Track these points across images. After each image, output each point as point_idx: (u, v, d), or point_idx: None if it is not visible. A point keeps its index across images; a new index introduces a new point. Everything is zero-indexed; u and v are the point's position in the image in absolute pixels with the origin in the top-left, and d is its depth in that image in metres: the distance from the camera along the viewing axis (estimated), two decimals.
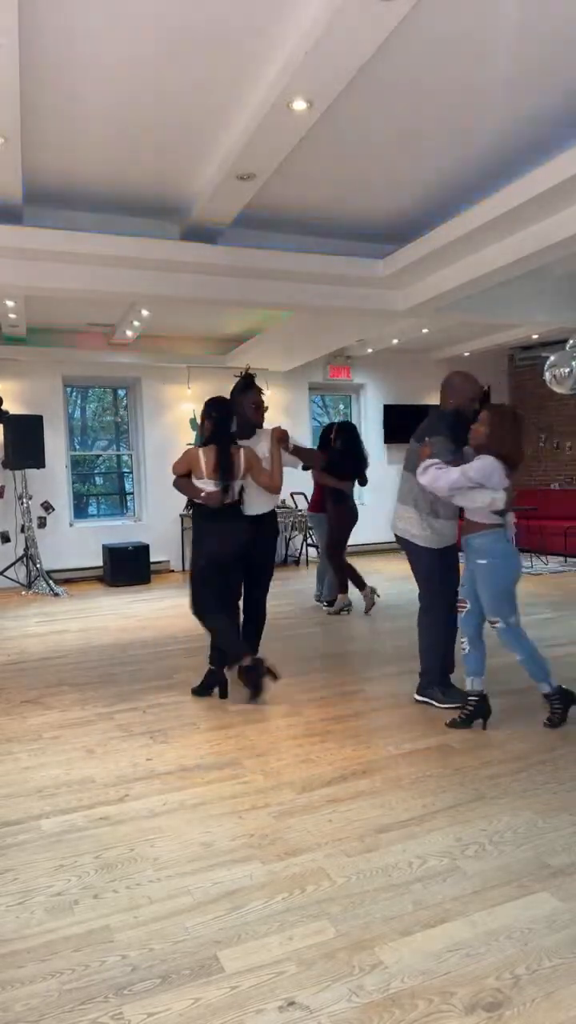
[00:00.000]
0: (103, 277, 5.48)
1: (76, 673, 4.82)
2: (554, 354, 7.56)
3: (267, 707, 3.94)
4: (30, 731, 3.73)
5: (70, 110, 3.89)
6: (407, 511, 3.89)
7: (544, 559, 9.12)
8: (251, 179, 4.44)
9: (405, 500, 3.91)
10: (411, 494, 3.85)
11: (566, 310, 7.44)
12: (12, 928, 2.09)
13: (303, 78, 3.34)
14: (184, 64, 3.47)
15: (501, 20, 3.20)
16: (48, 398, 8.93)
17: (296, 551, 10.16)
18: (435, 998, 1.74)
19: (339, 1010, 1.72)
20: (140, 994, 1.80)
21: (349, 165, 4.62)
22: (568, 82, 3.74)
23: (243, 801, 2.83)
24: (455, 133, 4.24)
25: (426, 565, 3.88)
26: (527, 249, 5.12)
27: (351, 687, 4.27)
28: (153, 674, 4.71)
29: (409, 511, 3.87)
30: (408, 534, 3.89)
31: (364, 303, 6.43)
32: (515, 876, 2.24)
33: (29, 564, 8.34)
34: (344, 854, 2.41)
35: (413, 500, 3.84)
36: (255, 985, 1.81)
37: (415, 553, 3.92)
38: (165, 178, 4.73)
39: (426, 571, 3.91)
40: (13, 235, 4.94)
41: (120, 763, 3.26)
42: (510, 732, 3.44)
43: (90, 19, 3.13)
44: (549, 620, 5.84)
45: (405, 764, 3.12)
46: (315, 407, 10.84)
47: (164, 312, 7.37)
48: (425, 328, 8.37)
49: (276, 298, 6.05)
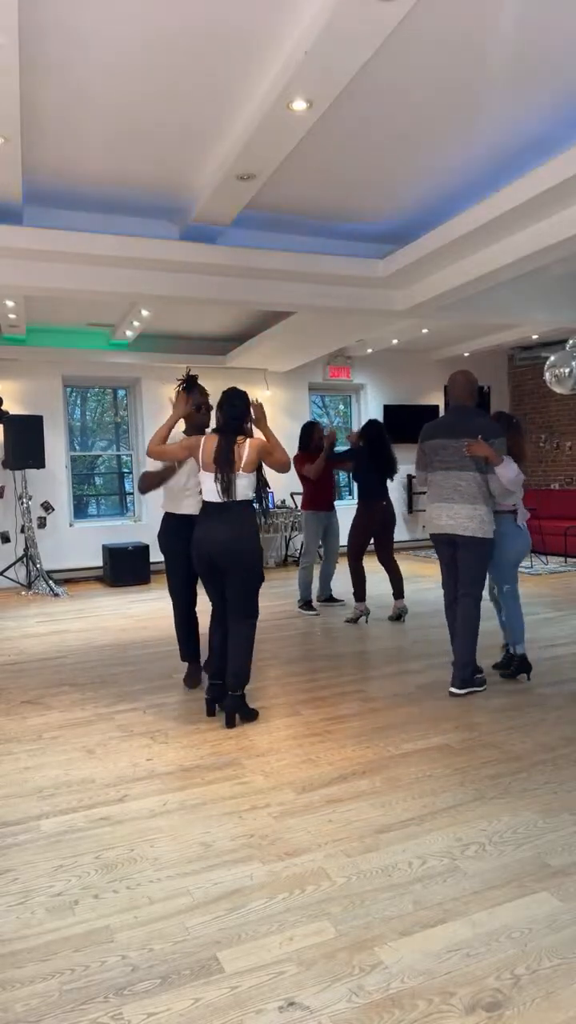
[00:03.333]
0: (103, 277, 5.48)
1: (76, 673, 4.82)
2: (554, 354, 7.57)
3: (267, 707, 3.94)
4: (30, 731, 3.73)
5: (70, 110, 3.89)
6: (478, 509, 3.95)
7: (544, 559, 9.12)
8: (251, 179, 4.44)
9: (474, 500, 3.95)
10: (480, 492, 3.96)
11: (566, 310, 7.45)
12: (12, 928, 2.09)
13: (303, 78, 3.34)
14: (184, 64, 3.47)
15: (501, 20, 3.20)
16: (48, 398, 8.93)
17: (296, 551, 10.16)
18: (435, 998, 1.74)
19: (339, 1010, 1.72)
20: (140, 994, 1.80)
21: (349, 165, 4.62)
22: (568, 82, 3.74)
23: (243, 801, 2.83)
24: (455, 133, 4.24)
25: (487, 557, 4.05)
26: (527, 249, 5.12)
27: (351, 687, 4.27)
28: (153, 674, 4.72)
29: (480, 509, 3.95)
30: (481, 532, 3.95)
31: (364, 303, 6.43)
32: (515, 876, 2.24)
33: (29, 564, 8.34)
34: (344, 854, 2.41)
35: (483, 498, 3.97)
36: (255, 985, 1.81)
37: (480, 548, 3.98)
38: (165, 178, 4.73)
39: (485, 564, 4.08)
40: (13, 235, 4.94)
41: (120, 763, 3.26)
42: (510, 732, 3.44)
43: (90, 19, 3.13)
44: (549, 620, 5.84)
45: (405, 764, 3.12)
46: (315, 407, 10.84)
47: (164, 312, 7.37)
48: (425, 328, 8.38)
49: (276, 298, 6.05)
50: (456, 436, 3.98)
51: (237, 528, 3.64)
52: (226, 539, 3.63)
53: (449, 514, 3.99)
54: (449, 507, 3.99)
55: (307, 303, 6.19)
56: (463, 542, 3.98)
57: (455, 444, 3.98)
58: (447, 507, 4.00)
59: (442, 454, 4.03)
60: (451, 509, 3.98)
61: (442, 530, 4.03)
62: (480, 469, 3.96)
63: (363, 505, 6.12)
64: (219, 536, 3.63)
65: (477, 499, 3.95)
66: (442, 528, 4.03)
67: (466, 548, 3.99)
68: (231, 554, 3.62)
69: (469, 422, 4.00)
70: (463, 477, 3.96)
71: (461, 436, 3.96)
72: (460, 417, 4.06)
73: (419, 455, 4.23)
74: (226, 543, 3.62)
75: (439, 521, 4.04)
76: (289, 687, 4.31)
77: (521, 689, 4.07)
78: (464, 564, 4.02)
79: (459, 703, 3.87)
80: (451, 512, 3.98)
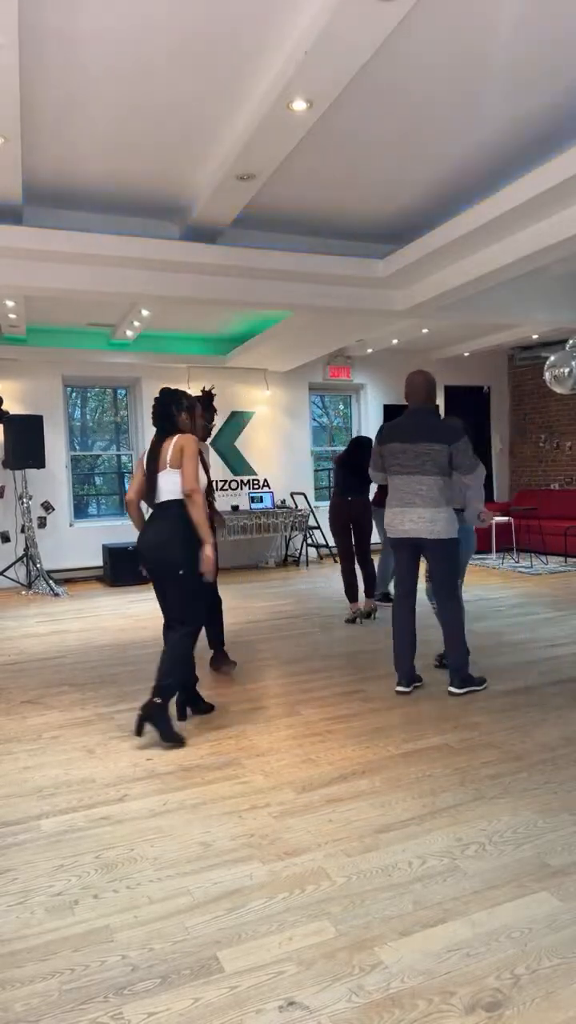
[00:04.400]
0: (103, 277, 5.48)
1: (76, 673, 4.82)
2: (554, 354, 7.57)
3: (267, 707, 3.95)
4: (30, 731, 3.73)
5: (70, 110, 3.89)
6: (441, 512, 3.95)
7: (544, 559, 9.12)
8: (251, 179, 4.44)
9: (437, 503, 3.95)
10: (443, 495, 3.97)
11: (566, 310, 7.45)
12: (12, 928, 2.09)
13: (303, 78, 3.34)
14: (184, 64, 3.47)
15: (501, 20, 3.20)
16: (48, 398, 8.94)
17: (296, 551, 10.16)
18: (435, 998, 1.74)
19: (339, 1010, 1.72)
20: (140, 994, 1.80)
21: (349, 165, 4.62)
22: (568, 82, 3.75)
23: (243, 801, 2.83)
24: (455, 133, 4.24)
25: (456, 555, 4.07)
26: (527, 249, 5.13)
27: (351, 687, 4.27)
28: (153, 674, 4.70)
29: (443, 511, 3.96)
30: (447, 533, 3.96)
31: (364, 303, 6.43)
32: (515, 876, 2.24)
33: (29, 564, 8.34)
34: (344, 854, 2.41)
35: (446, 500, 3.99)
36: (255, 985, 1.81)
37: (447, 548, 4.00)
38: (165, 178, 4.73)
39: (456, 561, 4.11)
40: (13, 235, 4.94)
41: (120, 763, 3.26)
42: (510, 732, 3.44)
43: (90, 19, 3.13)
44: (549, 620, 5.84)
45: (405, 764, 3.12)
46: (315, 407, 10.85)
47: (164, 312, 7.37)
48: (425, 328, 8.38)
49: (276, 298, 6.05)
50: (414, 441, 3.96)
51: (161, 530, 3.53)
52: (152, 541, 3.55)
53: (412, 518, 3.97)
54: (412, 511, 3.97)
55: (307, 303, 6.19)
56: (431, 544, 3.99)
57: (414, 448, 3.95)
58: (409, 511, 3.98)
59: (401, 458, 4.00)
60: (414, 513, 3.97)
61: (406, 534, 4.01)
62: (443, 473, 3.96)
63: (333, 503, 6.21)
64: (148, 538, 3.57)
65: (440, 502, 3.95)
66: (406, 532, 4.00)
67: (434, 550, 3.99)
68: (156, 559, 3.53)
69: (428, 426, 3.98)
70: (423, 482, 3.94)
71: (419, 441, 3.94)
72: (418, 420, 4.02)
73: (375, 458, 4.20)
74: (152, 546, 3.54)
75: (401, 526, 4.01)
76: (289, 687, 4.31)
77: (521, 689, 4.07)
78: (434, 566, 4.04)
79: (459, 703, 3.87)
80: (414, 516, 3.97)
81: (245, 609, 6.86)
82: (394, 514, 4.06)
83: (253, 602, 7.24)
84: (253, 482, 10.03)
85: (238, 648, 5.27)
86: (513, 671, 4.44)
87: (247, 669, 4.74)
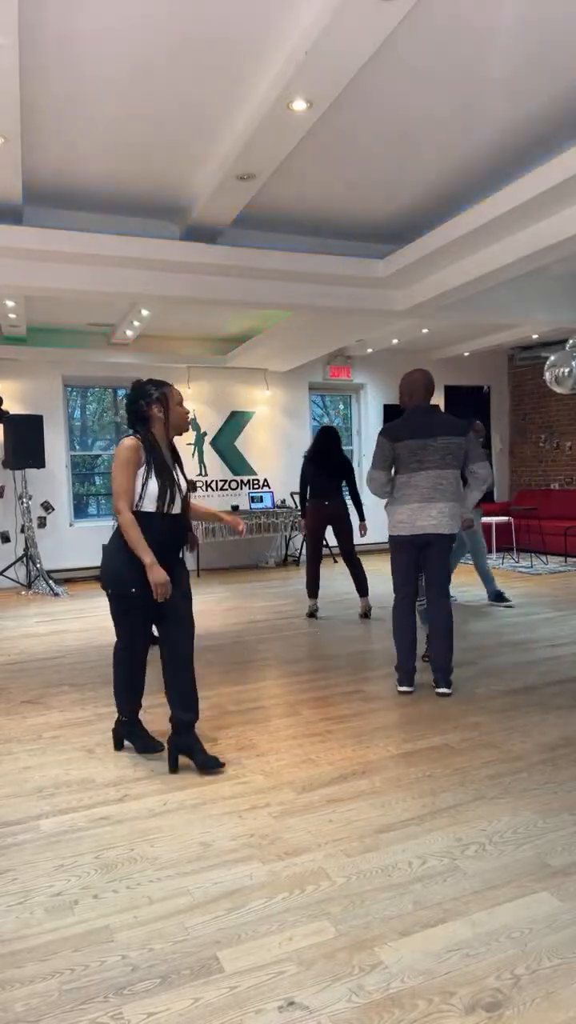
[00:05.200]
0: (103, 277, 5.48)
1: (76, 673, 4.82)
2: (554, 354, 7.57)
3: (267, 707, 3.95)
4: (30, 731, 3.73)
5: (70, 110, 3.89)
6: (456, 507, 4.03)
7: (544, 559, 9.12)
8: (251, 179, 4.44)
9: (456, 496, 4.03)
10: (458, 488, 4.05)
11: (566, 310, 7.45)
12: (12, 928, 2.09)
13: (303, 78, 3.34)
14: (184, 64, 3.47)
15: (501, 20, 3.20)
16: (48, 398, 8.94)
17: (296, 551, 10.16)
18: (435, 998, 1.74)
19: (339, 1010, 1.72)
20: (140, 994, 1.80)
21: (349, 165, 4.62)
22: (568, 81, 3.75)
23: (243, 801, 2.83)
24: (455, 133, 4.24)
25: (450, 550, 4.12)
26: (527, 249, 5.13)
27: (351, 687, 4.27)
28: (152, 674, 4.71)
29: (457, 506, 4.04)
30: (452, 528, 4.02)
31: (364, 303, 6.43)
32: (515, 876, 2.24)
33: (29, 564, 8.34)
34: (344, 854, 2.41)
35: (459, 495, 4.06)
36: (255, 985, 1.81)
37: (449, 543, 4.06)
38: (165, 178, 4.73)
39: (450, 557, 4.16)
40: (13, 235, 4.94)
41: (120, 763, 3.26)
42: (510, 732, 3.44)
43: (90, 19, 3.13)
44: (549, 620, 5.84)
45: (405, 764, 3.12)
46: (315, 407, 10.84)
47: (164, 312, 7.37)
48: (425, 328, 8.38)
49: (276, 298, 6.05)
50: (434, 436, 3.97)
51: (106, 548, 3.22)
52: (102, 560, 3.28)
53: (432, 514, 3.97)
54: (433, 507, 3.98)
55: (307, 303, 6.19)
56: (436, 540, 4.01)
57: (434, 444, 3.96)
58: (430, 507, 3.98)
59: (420, 455, 3.99)
60: (434, 508, 3.97)
61: (422, 530, 3.99)
62: (460, 466, 4.04)
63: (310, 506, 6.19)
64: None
65: (458, 495, 4.04)
66: (423, 529, 3.98)
67: (438, 546, 4.02)
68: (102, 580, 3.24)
69: (442, 422, 4.02)
70: (445, 476, 3.97)
71: (439, 436, 3.96)
72: (430, 417, 4.05)
73: (383, 458, 4.06)
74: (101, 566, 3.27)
75: (420, 522, 3.99)
76: (289, 687, 4.31)
77: (521, 689, 4.07)
78: (437, 563, 4.04)
79: (459, 703, 3.87)
80: (434, 511, 3.97)
81: (245, 609, 6.86)
82: (412, 511, 4.01)
83: (253, 602, 7.24)
84: (253, 482, 10.03)
85: (238, 648, 5.27)
86: (513, 671, 4.45)
87: (247, 669, 4.74)
